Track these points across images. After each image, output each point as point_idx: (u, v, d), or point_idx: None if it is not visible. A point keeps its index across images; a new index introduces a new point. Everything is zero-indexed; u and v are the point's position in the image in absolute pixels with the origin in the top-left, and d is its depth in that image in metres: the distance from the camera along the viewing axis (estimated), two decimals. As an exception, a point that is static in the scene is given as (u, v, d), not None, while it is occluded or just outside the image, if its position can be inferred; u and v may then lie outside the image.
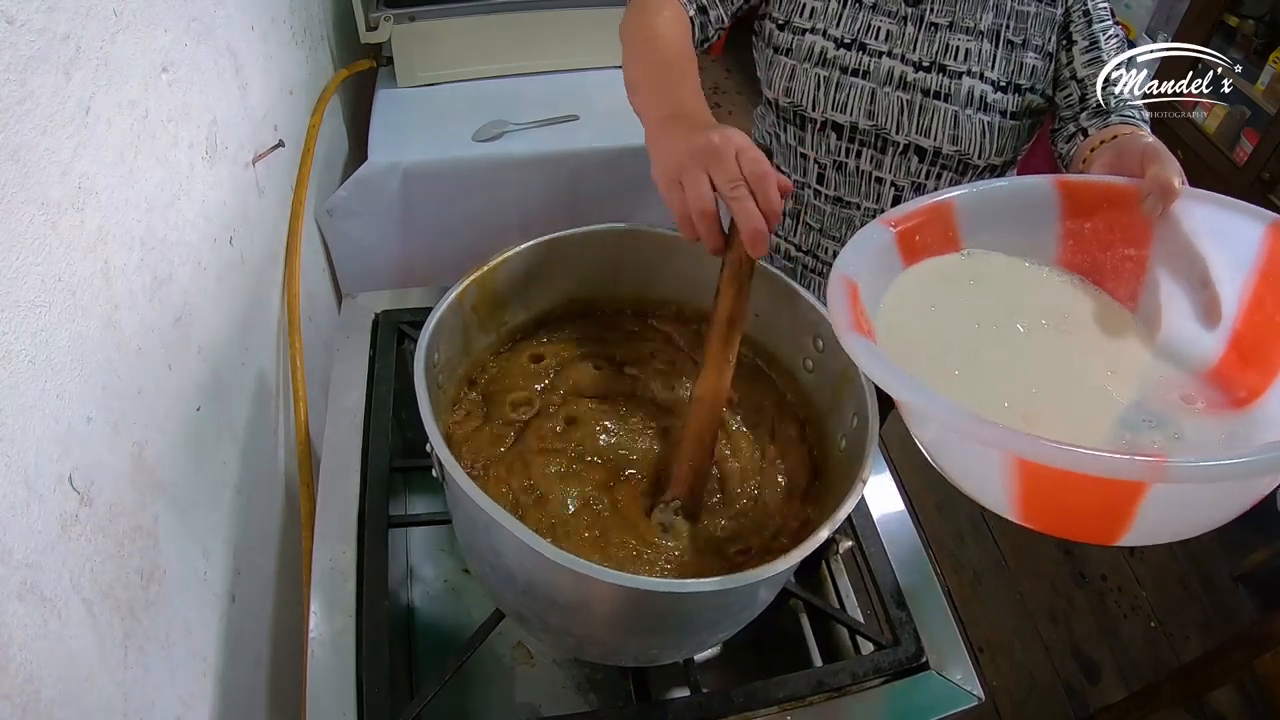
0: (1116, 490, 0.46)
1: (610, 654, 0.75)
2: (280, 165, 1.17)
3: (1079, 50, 0.92)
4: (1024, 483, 0.49)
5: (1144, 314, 0.67)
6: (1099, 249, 0.69)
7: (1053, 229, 0.69)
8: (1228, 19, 2.03)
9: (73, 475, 0.57)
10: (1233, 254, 0.62)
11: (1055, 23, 0.93)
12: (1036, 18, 0.93)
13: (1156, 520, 0.49)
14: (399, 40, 1.53)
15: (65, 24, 0.60)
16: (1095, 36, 0.91)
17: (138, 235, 0.71)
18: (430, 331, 0.67)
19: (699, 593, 0.56)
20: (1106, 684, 1.78)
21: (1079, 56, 0.92)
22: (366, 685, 0.69)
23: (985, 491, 0.54)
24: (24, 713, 0.49)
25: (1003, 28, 0.94)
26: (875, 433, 0.66)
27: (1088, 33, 0.92)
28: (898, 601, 0.80)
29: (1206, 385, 0.61)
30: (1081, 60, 0.92)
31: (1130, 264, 0.68)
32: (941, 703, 0.74)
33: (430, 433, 0.59)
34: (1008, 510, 0.53)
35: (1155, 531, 0.52)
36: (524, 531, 0.54)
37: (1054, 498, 0.51)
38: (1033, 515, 0.52)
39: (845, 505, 0.60)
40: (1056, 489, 0.50)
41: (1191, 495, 0.50)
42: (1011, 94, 0.95)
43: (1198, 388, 0.61)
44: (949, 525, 2.05)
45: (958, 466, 0.56)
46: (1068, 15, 0.93)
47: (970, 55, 0.94)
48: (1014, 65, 0.94)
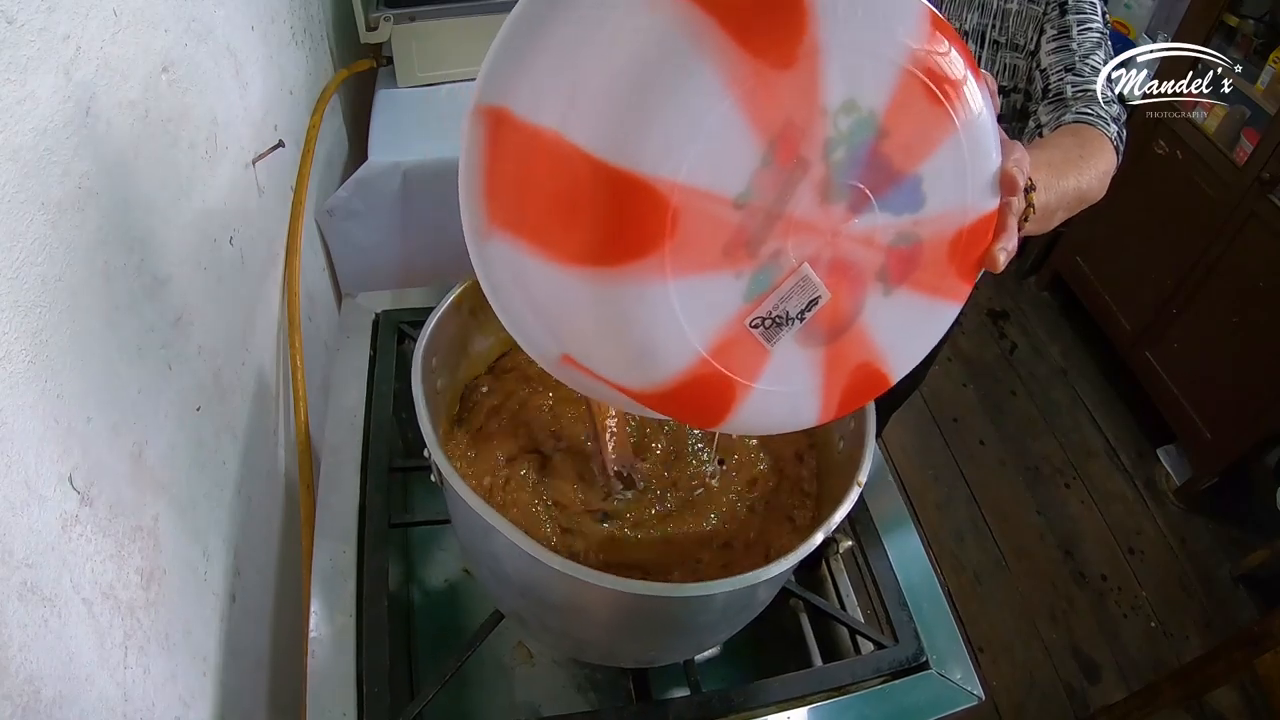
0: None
1: (609, 656, 0.75)
2: (280, 165, 1.16)
3: (1046, 39, 0.91)
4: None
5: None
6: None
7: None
8: (1228, 19, 2.03)
9: (73, 475, 0.57)
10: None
11: (1037, 19, 0.92)
12: (1020, 15, 0.92)
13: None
14: (399, 40, 1.53)
15: (65, 24, 0.60)
16: (1067, 26, 0.89)
17: (138, 235, 0.71)
18: (428, 336, 0.67)
19: (696, 596, 0.56)
20: (1106, 684, 1.77)
21: (1045, 45, 0.91)
22: (367, 684, 0.69)
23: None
24: (24, 713, 0.49)
25: (988, 28, 0.93)
26: (873, 435, 0.66)
27: (1059, 23, 0.90)
28: (898, 601, 0.80)
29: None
30: (1047, 49, 0.90)
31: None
32: (941, 702, 0.74)
33: (428, 439, 0.59)
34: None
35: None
36: (522, 538, 0.54)
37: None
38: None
39: (842, 507, 0.60)
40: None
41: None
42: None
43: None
44: (949, 525, 2.05)
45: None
46: (1045, 8, 0.92)
47: None
48: (997, 66, 0.94)
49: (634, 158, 0.40)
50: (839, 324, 0.49)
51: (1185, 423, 2.11)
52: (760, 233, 0.44)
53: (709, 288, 0.44)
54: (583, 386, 0.52)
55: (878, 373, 0.53)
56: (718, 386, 0.47)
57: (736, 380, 0.48)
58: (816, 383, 0.51)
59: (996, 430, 2.30)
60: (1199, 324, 2.09)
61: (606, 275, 0.43)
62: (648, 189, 0.40)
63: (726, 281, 0.45)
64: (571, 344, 0.48)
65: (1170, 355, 2.18)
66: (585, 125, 0.41)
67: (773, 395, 0.50)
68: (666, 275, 0.43)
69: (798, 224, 0.45)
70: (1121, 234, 2.32)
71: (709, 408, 0.49)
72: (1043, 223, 0.65)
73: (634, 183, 0.40)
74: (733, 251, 0.44)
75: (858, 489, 0.62)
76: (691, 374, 0.46)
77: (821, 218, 0.45)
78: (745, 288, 0.45)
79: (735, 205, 0.43)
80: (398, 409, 0.90)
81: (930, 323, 0.53)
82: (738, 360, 0.47)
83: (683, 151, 0.40)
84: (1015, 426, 2.32)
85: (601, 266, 0.42)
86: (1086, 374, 2.49)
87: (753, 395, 0.49)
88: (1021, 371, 2.49)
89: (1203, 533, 2.08)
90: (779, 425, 0.54)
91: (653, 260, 0.42)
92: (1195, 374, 2.10)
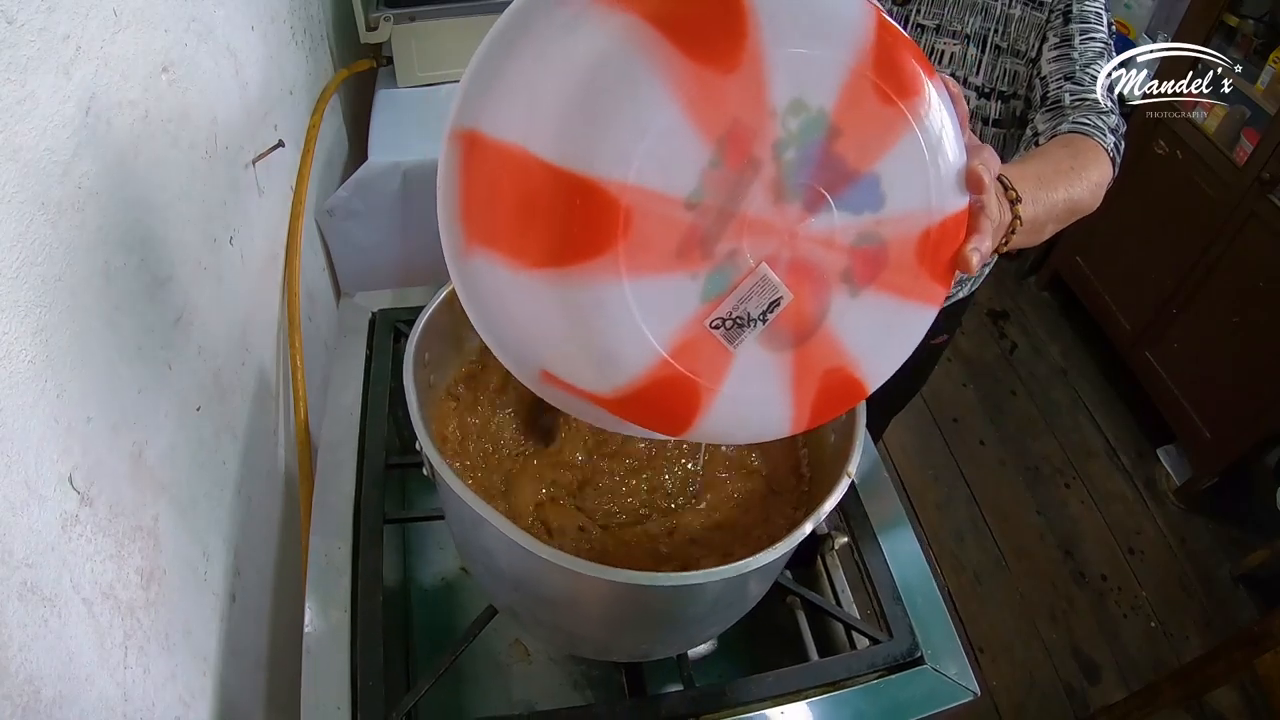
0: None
1: (603, 650, 0.75)
2: (280, 165, 1.17)
3: (1048, 47, 0.90)
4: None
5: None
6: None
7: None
8: (1228, 19, 2.02)
9: (73, 475, 0.58)
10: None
11: (1039, 27, 0.91)
12: (1022, 21, 0.92)
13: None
14: (399, 40, 1.54)
15: (65, 24, 0.60)
16: (1070, 35, 0.89)
17: (138, 235, 0.71)
18: (420, 331, 0.67)
19: (686, 586, 0.57)
20: (1106, 684, 1.78)
21: (1046, 53, 0.90)
22: (361, 679, 0.69)
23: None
24: (24, 713, 0.49)
25: (990, 32, 0.93)
26: (863, 426, 0.66)
27: (1062, 30, 0.90)
28: (893, 597, 0.80)
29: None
30: (1048, 56, 0.90)
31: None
32: (937, 697, 0.74)
33: (419, 432, 0.60)
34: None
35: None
36: (512, 529, 0.54)
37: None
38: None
39: (832, 497, 0.60)
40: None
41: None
42: (995, 100, 0.94)
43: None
44: (949, 525, 2.06)
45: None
46: (1049, 16, 0.91)
47: (954, 59, 0.94)
48: (998, 71, 0.93)
49: (586, 161, 0.42)
50: (804, 326, 0.49)
51: (1185, 423, 2.11)
52: (714, 232, 0.45)
53: (665, 287, 0.45)
54: (563, 404, 0.53)
55: (850, 378, 0.53)
56: (681, 389, 0.48)
57: (700, 383, 0.48)
58: (785, 388, 0.51)
59: (996, 430, 2.30)
60: (1199, 324, 2.09)
61: (565, 276, 0.44)
62: (598, 190, 0.42)
63: (682, 281, 0.46)
64: (545, 355, 0.49)
65: (1170, 355, 2.18)
66: (543, 136, 0.43)
67: (740, 401, 0.50)
68: (622, 275, 0.44)
69: (752, 223, 0.46)
70: (1121, 234, 2.32)
71: (674, 412, 0.49)
72: (1032, 235, 0.65)
73: (585, 185, 0.42)
74: (687, 252, 0.45)
75: (847, 479, 0.62)
76: (654, 375, 0.47)
77: (777, 217, 0.46)
78: (702, 288, 0.46)
79: (687, 205, 0.44)
80: (394, 406, 0.90)
81: (904, 326, 0.53)
82: (700, 362, 0.48)
83: (632, 154, 0.42)
84: (1015, 426, 2.32)
85: (560, 267, 0.44)
86: (1086, 374, 2.49)
87: (718, 400, 0.49)
88: (1021, 371, 2.49)
89: (1203, 533, 2.08)
90: (750, 433, 0.54)
91: (607, 259, 0.43)
92: (1195, 374, 2.10)
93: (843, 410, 0.56)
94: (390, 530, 0.81)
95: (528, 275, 0.45)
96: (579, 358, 0.47)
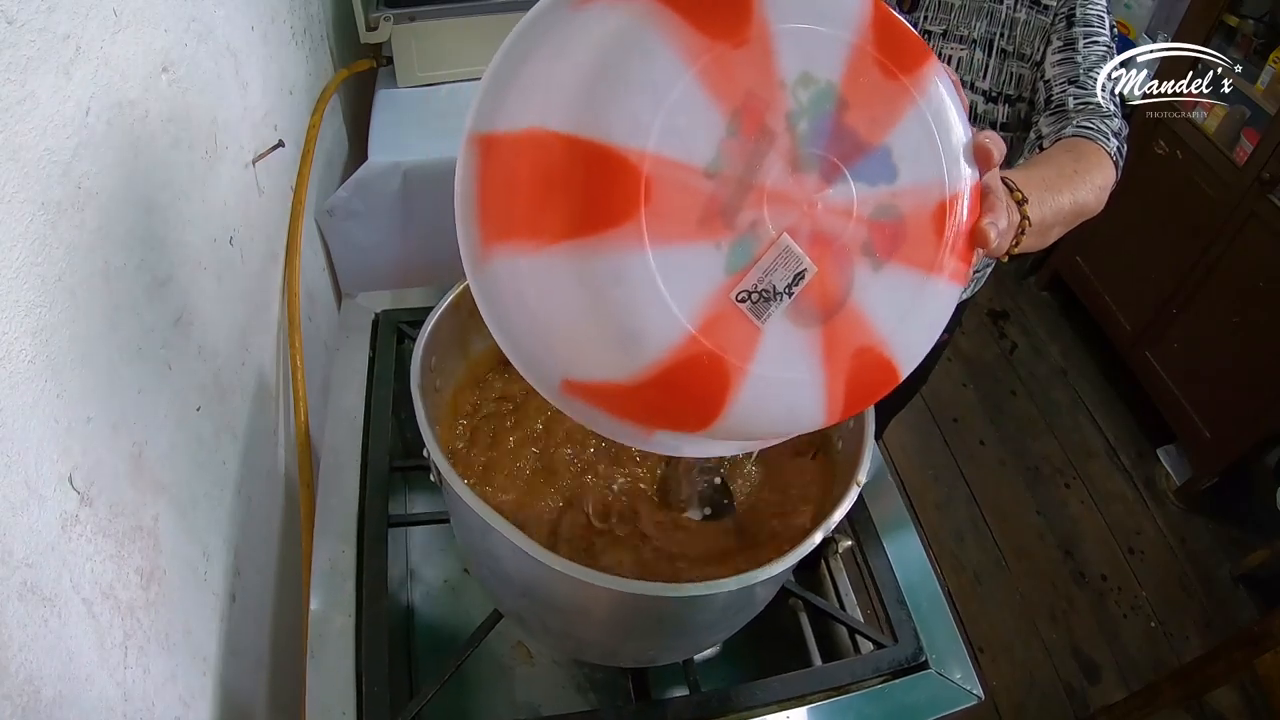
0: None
1: (609, 655, 0.75)
2: (280, 165, 1.17)
3: (1052, 50, 0.90)
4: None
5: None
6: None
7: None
8: (1228, 19, 2.03)
9: (73, 475, 0.57)
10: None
11: (1044, 30, 0.91)
12: (1027, 25, 0.92)
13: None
14: (399, 40, 1.53)
15: (65, 24, 0.60)
16: (1073, 39, 0.89)
17: (138, 235, 0.71)
18: (426, 337, 0.67)
19: (696, 596, 0.56)
20: (1106, 684, 1.78)
21: (1050, 57, 0.90)
22: (366, 684, 0.69)
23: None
24: (24, 713, 0.49)
25: (996, 36, 0.93)
26: (872, 434, 0.66)
27: (1066, 34, 0.90)
28: (897, 601, 0.80)
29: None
30: (1052, 60, 0.90)
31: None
32: (941, 702, 0.74)
33: (427, 440, 0.59)
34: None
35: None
36: (520, 538, 0.54)
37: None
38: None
39: (841, 506, 0.60)
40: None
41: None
42: (1001, 104, 0.94)
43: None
44: (949, 525, 2.05)
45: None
46: (1053, 20, 0.91)
47: (962, 64, 0.94)
48: (1004, 75, 0.94)
49: (604, 130, 0.43)
50: (831, 301, 0.49)
51: (1185, 423, 2.11)
52: (734, 201, 0.45)
53: (689, 257, 0.45)
54: (585, 417, 0.52)
55: (881, 359, 0.52)
56: (710, 369, 0.47)
57: (729, 361, 0.47)
58: (816, 368, 0.50)
59: (996, 430, 2.30)
60: (1199, 324, 2.09)
61: (586, 247, 0.44)
62: (618, 158, 0.43)
63: (706, 251, 0.45)
64: (565, 350, 0.48)
65: (1170, 355, 2.18)
66: (559, 112, 0.44)
67: (772, 382, 0.49)
68: (645, 243, 0.43)
69: (771, 193, 0.46)
70: (1121, 234, 2.32)
71: (702, 396, 0.48)
72: (1039, 238, 0.65)
73: (604, 152, 0.43)
74: (709, 220, 0.45)
75: (857, 488, 0.62)
76: (680, 353, 0.46)
77: (794, 187, 0.47)
78: (726, 259, 0.46)
79: (706, 174, 0.44)
80: (397, 409, 0.90)
81: (929, 304, 0.53)
82: (727, 338, 0.47)
83: (650, 123, 0.43)
84: (1015, 426, 2.32)
85: (581, 237, 0.44)
86: (1086, 374, 2.49)
87: (749, 381, 0.48)
88: (1021, 371, 2.49)
89: (1203, 533, 2.08)
90: (782, 423, 0.53)
91: (629, 227, 0.43)
92: (1195, 374, 2.10)
93: (876, 397, 0.55)
94: (393, 533, 0.81)
95: (548, 254, 0.45)
96: (601, 342, 0.46)
